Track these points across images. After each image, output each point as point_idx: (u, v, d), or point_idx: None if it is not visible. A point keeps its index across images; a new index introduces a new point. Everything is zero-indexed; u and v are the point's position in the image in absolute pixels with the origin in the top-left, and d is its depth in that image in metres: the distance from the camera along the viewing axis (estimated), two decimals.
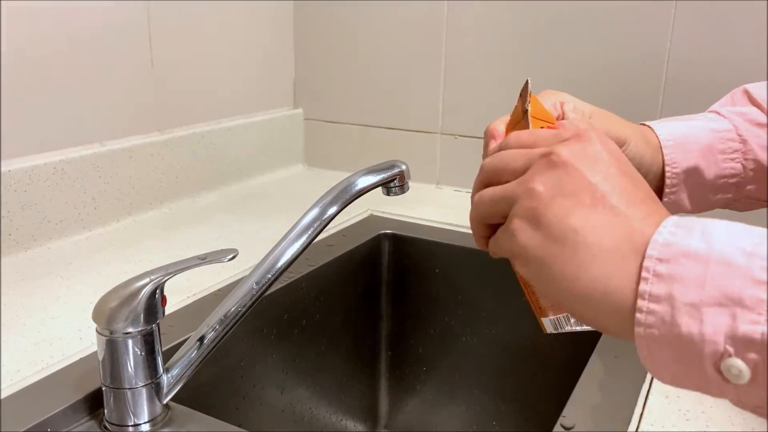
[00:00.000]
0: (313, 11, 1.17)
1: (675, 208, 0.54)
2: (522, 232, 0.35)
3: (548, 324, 0.44)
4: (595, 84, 0.98)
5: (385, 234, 0.91)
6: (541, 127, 0.45)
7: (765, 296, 0.28)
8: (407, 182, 0.55)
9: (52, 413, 0.49)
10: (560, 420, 0.51)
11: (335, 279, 0.82)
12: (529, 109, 0.45)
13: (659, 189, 0.53)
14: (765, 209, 0.56)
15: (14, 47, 0.76)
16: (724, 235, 0.30)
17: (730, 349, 0.28)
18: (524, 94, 0.47)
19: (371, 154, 1.17)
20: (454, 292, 0.88)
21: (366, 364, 0.93)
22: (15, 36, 0.76)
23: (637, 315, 0.31)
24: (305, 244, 0.50)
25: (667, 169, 0.52)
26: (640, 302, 0.31)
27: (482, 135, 0.56)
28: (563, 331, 0.44)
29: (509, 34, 1.03)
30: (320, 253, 0.82)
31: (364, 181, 0.52)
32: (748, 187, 0.54)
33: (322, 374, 0.83)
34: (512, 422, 0.88)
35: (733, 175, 0.53)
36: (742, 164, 0.53)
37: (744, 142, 0.53)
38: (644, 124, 0.54)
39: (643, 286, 0.31)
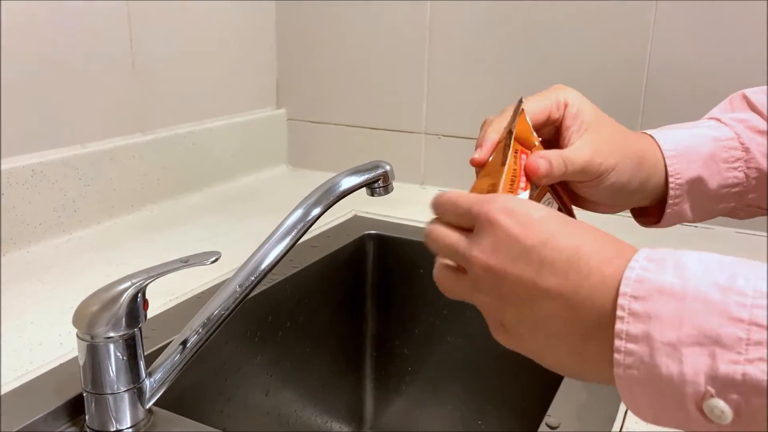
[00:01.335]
0: (295, 11, 1.17)
1: (677, 219, 0.53)
2: (499, 335, 0.38)
3: None
4: (577, 84, 0.98)
5: (370, 234, 0.91)
6: (517, 151, 0.44)
7: (743, 334, 0.27)
8: (391, 182, 0.55)
9: (32, 419, 0.48)
10: (545, 419, 0.52)
11: (320, 280, 0.82)
12: (514, 131, 0.44)
13: (660, 200, 0.52)
14: (765, 217, 0.56)
15: None
16: (698, 269, 0.30)
17: (712, 390, 0.28)
18: (515, 113, 0.46)
19: (355, 155, 1.16)
20: (438, 292, 0.88)
21: (351, 365, 0.93)
22: None
23: (616, 356, 0.30)
24: (289, 246, 0.50)
25: (670, 180, 0.51)
26: (617, 342, 0.30)
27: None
28: None
29: (492, 34, 1.03)
30: (304, 254, 0.82)
31: (348, 182, 0.52)
32: (750, 195, 0.53)
33: (307, 376, 0.83)
34: (497, 422, 0.88)
35: (735, 185, 0.52)
36: (744, 173, 0.52)
37: (746, 150, 0.52)
38: (645, 133, 0.53)
39: (619, 325, 0.30)
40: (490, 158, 0.45)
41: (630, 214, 0.58)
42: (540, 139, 0.46)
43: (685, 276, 0.30)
